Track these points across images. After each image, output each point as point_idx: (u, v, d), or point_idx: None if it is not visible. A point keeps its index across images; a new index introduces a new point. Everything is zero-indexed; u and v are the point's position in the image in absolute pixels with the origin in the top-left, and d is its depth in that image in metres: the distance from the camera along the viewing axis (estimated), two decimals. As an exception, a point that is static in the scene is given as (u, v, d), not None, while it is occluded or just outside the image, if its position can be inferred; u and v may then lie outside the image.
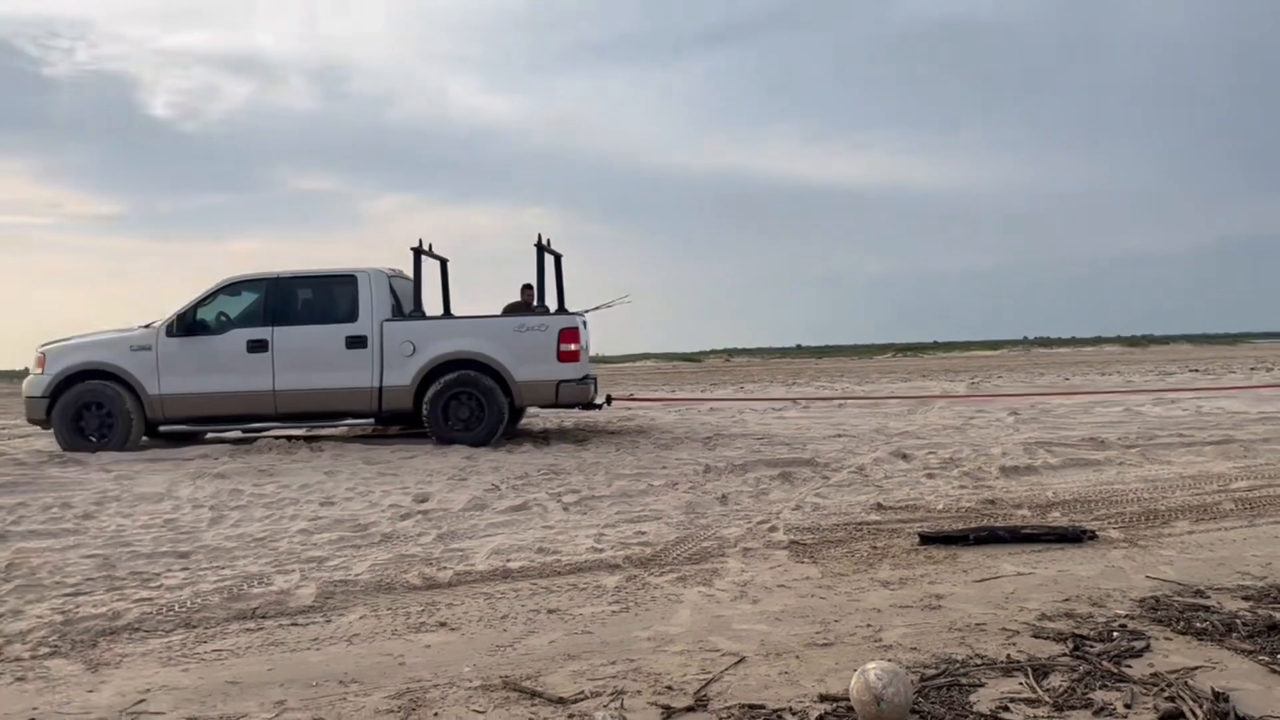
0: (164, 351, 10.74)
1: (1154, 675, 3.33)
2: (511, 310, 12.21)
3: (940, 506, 6.66)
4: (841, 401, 16.89)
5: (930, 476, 7.96)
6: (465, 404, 10.57)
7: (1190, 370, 26.43)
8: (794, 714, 3.10)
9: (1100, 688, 3.24)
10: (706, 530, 6.02)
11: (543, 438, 11.18)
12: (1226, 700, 3.03)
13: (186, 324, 10.77)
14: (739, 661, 3.61)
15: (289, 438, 11.02)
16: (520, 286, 12.52)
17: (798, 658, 3.65)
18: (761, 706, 3.16)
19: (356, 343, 10.66)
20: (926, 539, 5.54)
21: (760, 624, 4.09)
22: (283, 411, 10.71)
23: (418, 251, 11.49)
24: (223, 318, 10.95)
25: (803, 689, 3.32)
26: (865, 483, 7.72)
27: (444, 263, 12.41)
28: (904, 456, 8.97)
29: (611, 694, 3.31)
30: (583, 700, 3.26)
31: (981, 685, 3.29)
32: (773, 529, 6.00)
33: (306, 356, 10.64)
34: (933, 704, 3.12)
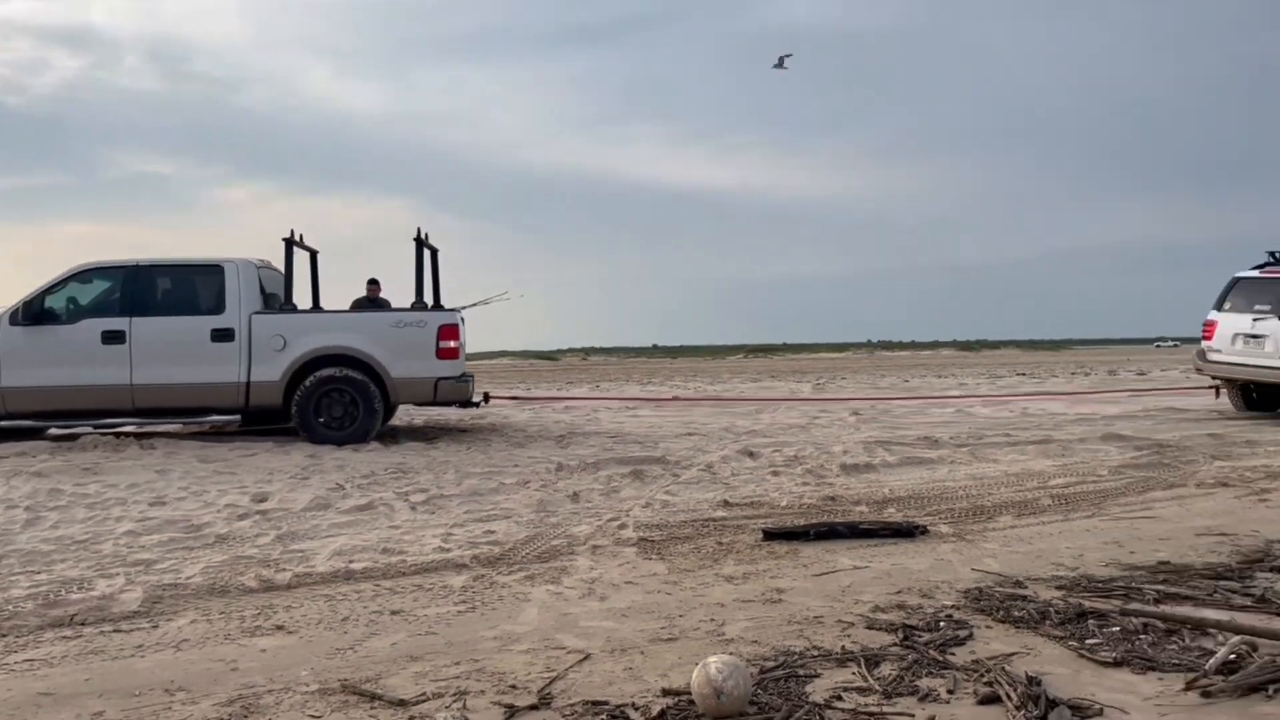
0: (6, 341, 9.99)
1: (975, 662, 3.51)
2: (358, 306, 11.89)
3: (784, 503, 6.86)
4: (693, 401, 17.16)
5: (775, 474, 8.18)
6: (338, 401, 10.19)
7: (1017, 374, 28.02)
8: (637, 709, 3.13)
9: (926, 675, 3.40)
10: (557, 528, 6.02)
11: (391, 436, 10.93)
12: (1039, 684, 3.23)
13: (33, 312, 10.02)
14: (584, 659, 3.62)
15: (116, 434, 10.42)
16: (366, 281, 12.20)
17: (642, 653, 3.69)
18: (605, 703, 3.18)
19: (223, 336, 10.17)
20: (770, 535, 5.69)
21: (607, 621, 4.12)
22: (140, 407, 10.13)
23: (289, 242, 11.07)
24: (74, 306, 10.26)
25: (646, 684, 3.36)
26: (713, 480, 7.87)
27: (314, 255, 11.93)
28: (751, 455, 9.19)
29: (454, 695, 3.27)
30: (424, 702, 3.21)
31: (817, 676, 3.40)
32: (622, 526, 6.05)
33: (168, 349, 10.06)
34: (770, 695, 3.21)
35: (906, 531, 5.75)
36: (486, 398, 12.39)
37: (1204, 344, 13.16)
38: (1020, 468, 8.48)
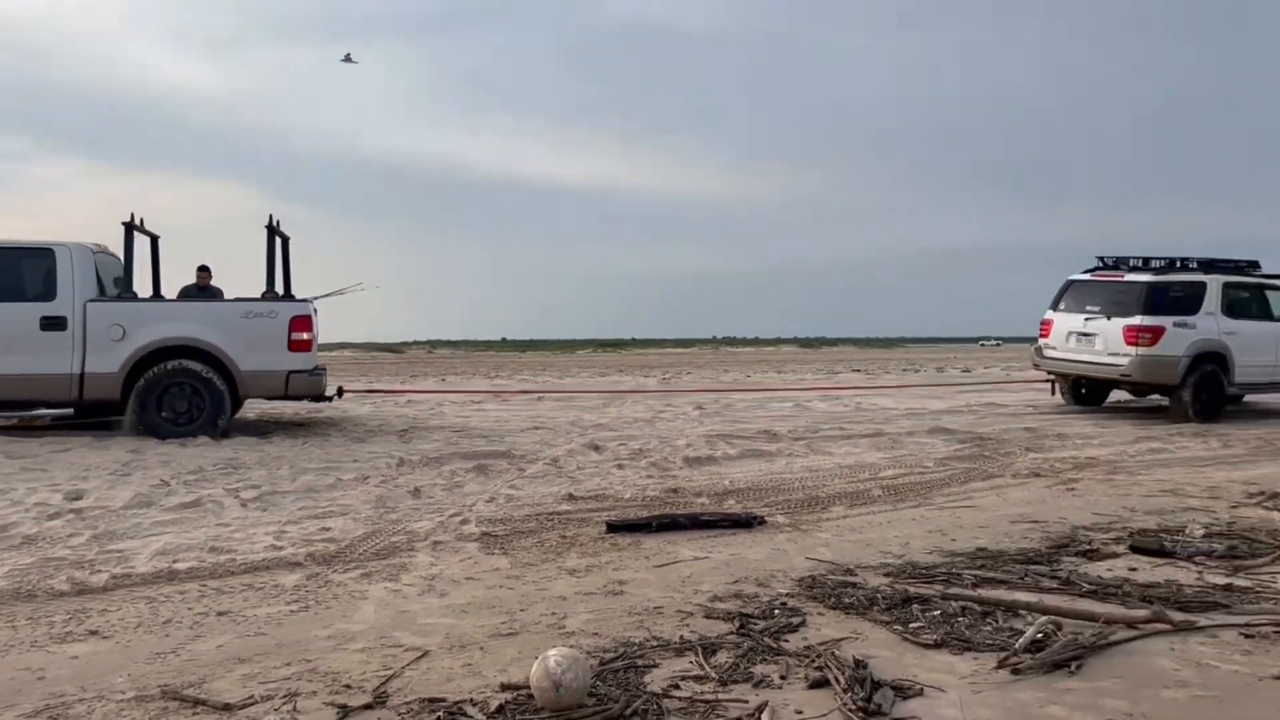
0: None
1: (807, 648, 3.64)
2: (186, 294, 11.30)
3: (628, 496, 6.92)
4: (540, 395, 17.11)
5: (620, 467, 8.25)
6: (182, 395, 9.60)
7: (854, 370, 29.14)
8: (475, 705, 3.10)
9: (761, 662, 3.50)
10: (396, 525, 5.89)
11: (221, 430, 10.46)
12: (865, 667, 3.37)
13: None
14: (422, 656, 3.57)
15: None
16: (196, 268, 11.62)
17: (482, 649, 3.66)
18: (443, 699, 3.14)
19: (54, 324, 9.44)
20: (613, 527, 5.73)
21: (446, 617, 4.06)
22: None
23: (129, 226, 10.39)
24: None
25: (485, 679, 3.33)
26: (559, 474, 7.87)
27: (155, 240, 11.21)
28: (596, 448, 9.23)
29: (284, 696, 3.16)
30: (252, 705, 3.09)
31: (656, 666, 3.45)
32: (465, 522, 5.98)
33: None
34: (610, 686, 3.24)
35: (745, 522, 5.90)
36: (340, 392, 11.97)
37: (1041, 341, 14.02)
38: (853, 460, 8.82)
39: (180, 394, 9.60)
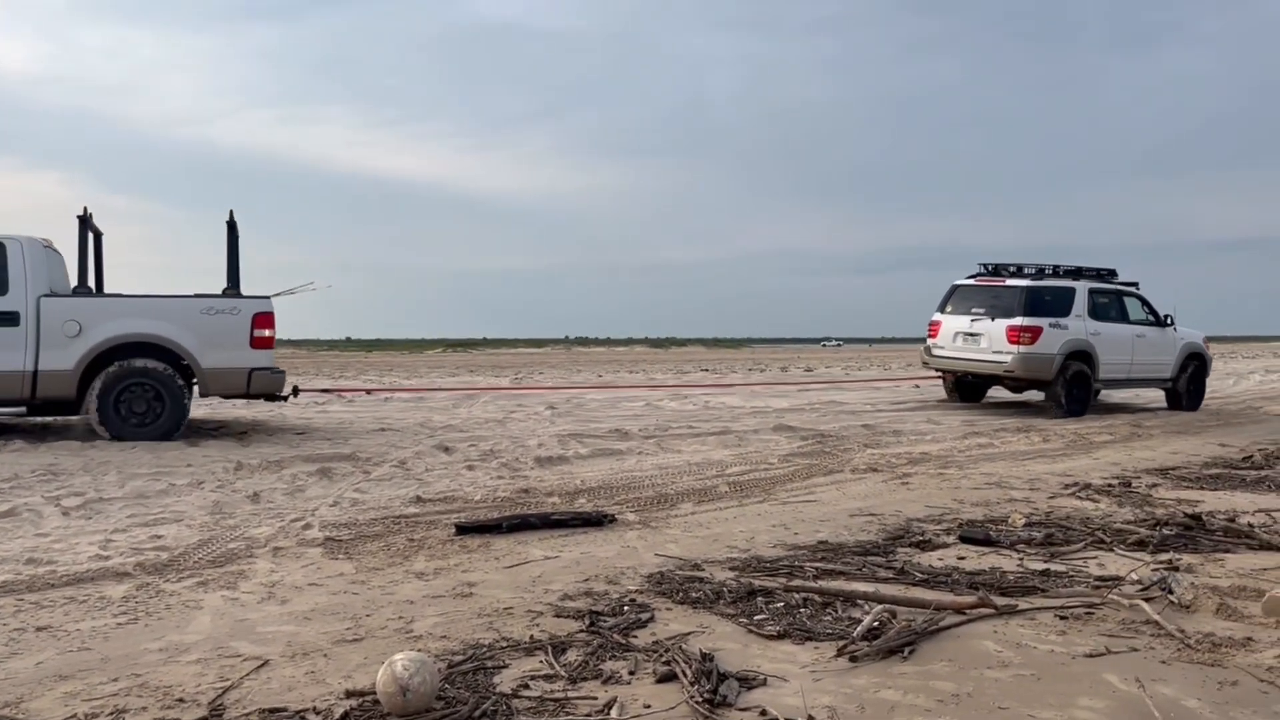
0: None
1: (655, 643, 3.69)
2: None
3: (478, 497, 6.86)
4: (388, 395, 16.74)
5: (470, 468, 8.16)
6: (141, 394, 9.28)
7: (702, 369, 29.68)
8: (318, 713, 3.02)
9: (610, 658, 3.53)
10: (234, 531, 5.66)
11: (39, 433, 9.81)
12: (712, 660, 3.45)
13: None
14: (262, 665, 3.44)
15: None
16: None
17: (326, 656, 3.56)
18: (283, 709, 3.04)
19: (6, 320, 9.03)
20: (463, 529, 5.67)
21: (288, 625, 3.94)
22: None
23: (83, 220, 9.98)
24: None
25: (329, 687, 3.24)
26: (406, 476, 7.73)
27: (99, 235, 10.62)
28: (446, 449, 9.10)
29: (110, 713, 2.99)
30: (74, 725, 2.92)
31: (506, 666, 3.44)
32: (307, 527, 5.80)
33: None
34: (459, 688, 3.21)
35: (596, 521, 5.94)
36: (296, 391, 11.50)
37: (929, 341, 15.02)
38: (701, 457, 8.99)
39: (140, 393, 9.32)
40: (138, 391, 9.34)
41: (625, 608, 4.17)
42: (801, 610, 4.12)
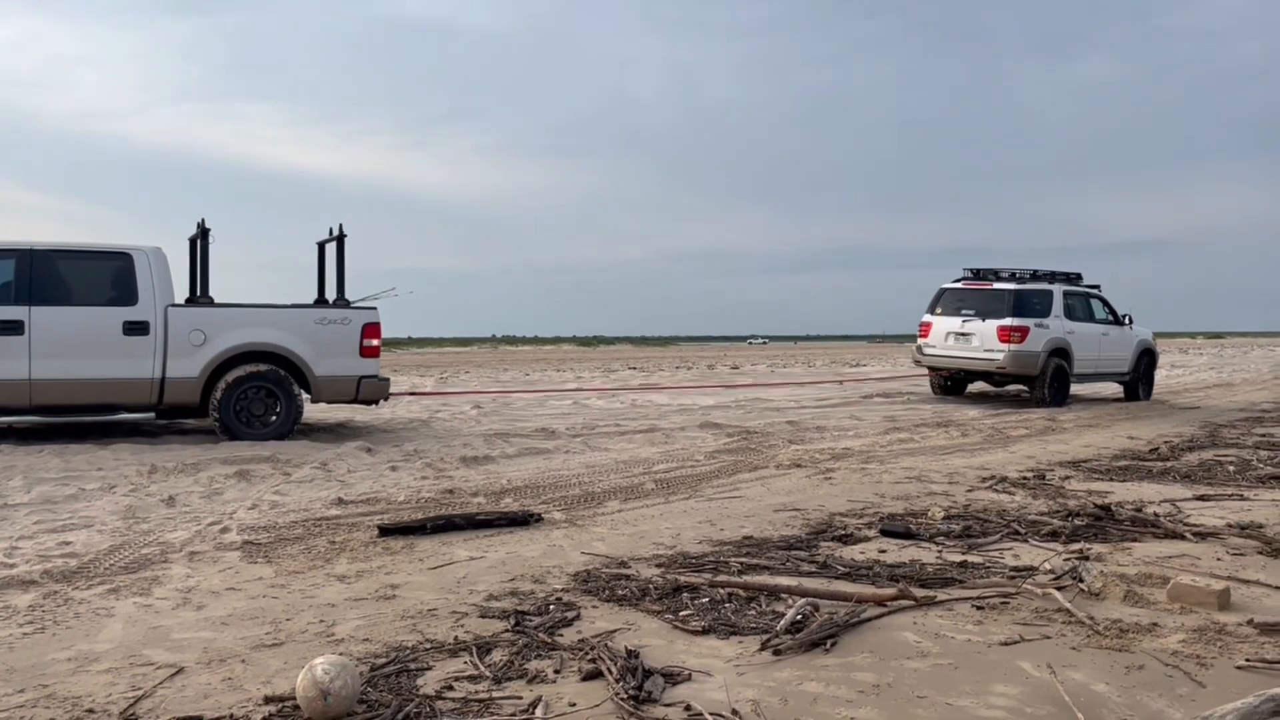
0: None
1: (581, 641, 3.69)
2: None
3: (402, 498, 6.77)
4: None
5: (394, 469, 8.06)
6: (259, 399, 9.61)
7: (630, 368, 29.73)
8: (235, 720, 2.95)
9: (536, 658, 3.52)
10: (148, 536, 5.51)
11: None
12: (637, 656, 3.46)
13: None
14: (177, 673, 3.36)
15: None
16: None
17: (244, 661, 3.48)
18: (199, 717, 2.97)
19: (136, 329, 9.22)
20: (386, 531, 5.59)
21: (205, 631, 3.84)
22: (40, 404, 9.08)
23: (201, 231, 10.25)
24: None
25: (247, 693, 3.17)
26: (328, 478, 7.60)
27: (208, 244, 10.65)
28: (369, 450, 8.97)
29: (15, 727, 2.89)
30: (-24, 739, 2.81)
31: (429, 668, 3.41)
32: (225, 530, 5.67)
33: (74, 342, 9.04)
34: (381, 691, 3.16)
35: (522, 520, 5.91)
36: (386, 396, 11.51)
37: (920, 341, 16.01)
38: (628, 455, 9.01)
39: (257, 397, 9.65)
40: (255, 397, 9.66)
41: (551, 607, 4.15)
42: (726, 605, 4.15)
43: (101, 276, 9.47)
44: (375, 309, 10.43)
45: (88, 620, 3.98)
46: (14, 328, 8.88)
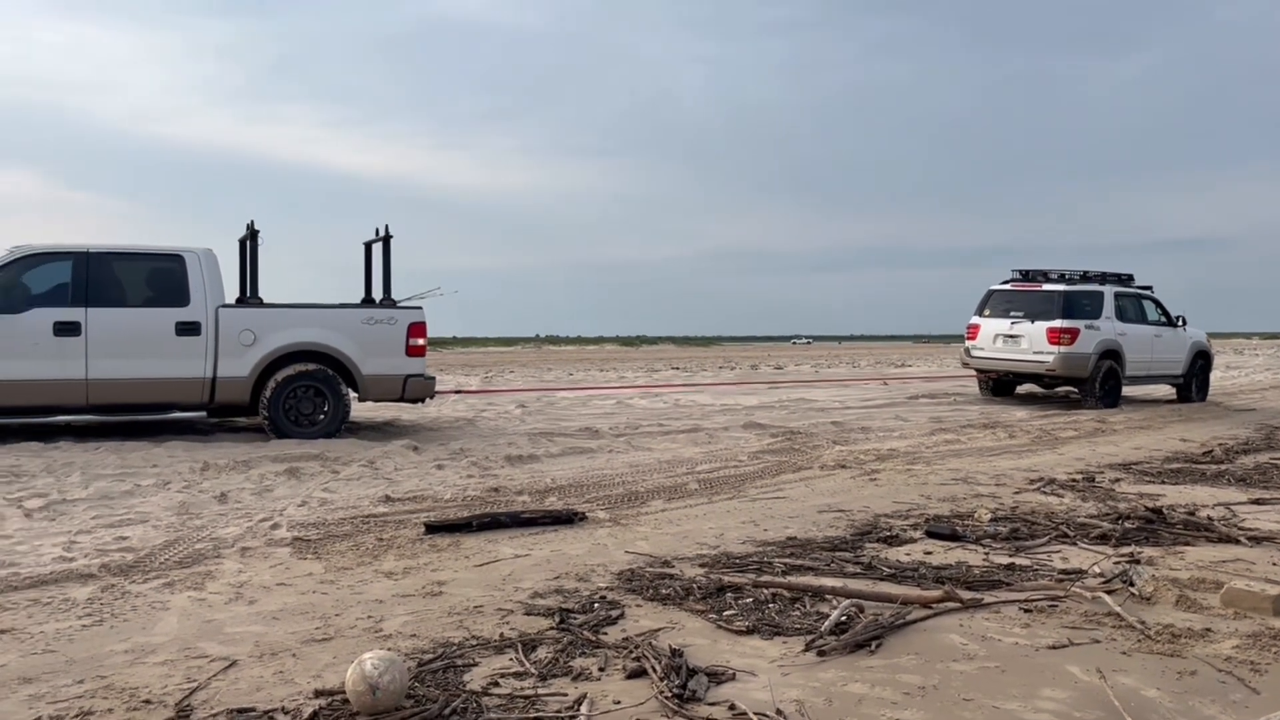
0: None
1: (625, 639, 3.71)
2: None
3: (448, 496, 6.84)
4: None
5: (440, 467, 8.14)
6: (307, 398, 9.81)
7: (673, 368, 29.74)
8: (286, 713, 3.01)
9: (580, 655, 3.54)
10: (201, 531, 5.62)
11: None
12: (681, 655, 3.47)
13: None
14: (230, 665, 3.43)
15: None
16: None
17: (295, 655, 3.55)
18: (252, 709, 3.03)
19: (188, 329, 9.46)
20: (432, 528, 5.66)
21: (256, 625, 3.92)
22: (96, 403, 9.30)
23: (250, 232, 10.54)
24: (19, 294, 9.09)
25: (298, 686, 3.23)
26: (375, 476, 7.69)
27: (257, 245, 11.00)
28: (415, 449, 9.07)
29: (76, 716, 2.97)
30: (39, 728, 2.89)
31: (476, 664, 3.44)
32: (275, 526, 5.76)
33: (129, 343, 9.28)
34: (428, 687, 3.21)
35: (566, 519, 5.94)
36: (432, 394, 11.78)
37: (968, 343, 15.97)
38: (671, 455, 9.02)
39: (306, 396, 9.83)
40: (304, 395, 9.83)
41: (595, 605, 4.18)
42: (770, 606, 4.15)
43: (154, 278, 9.67)
44: (421, 308, 10.53)
45: (144, 613, 4.07)
46: (71, 329, 9.10)
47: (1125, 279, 16.13)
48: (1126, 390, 15.82)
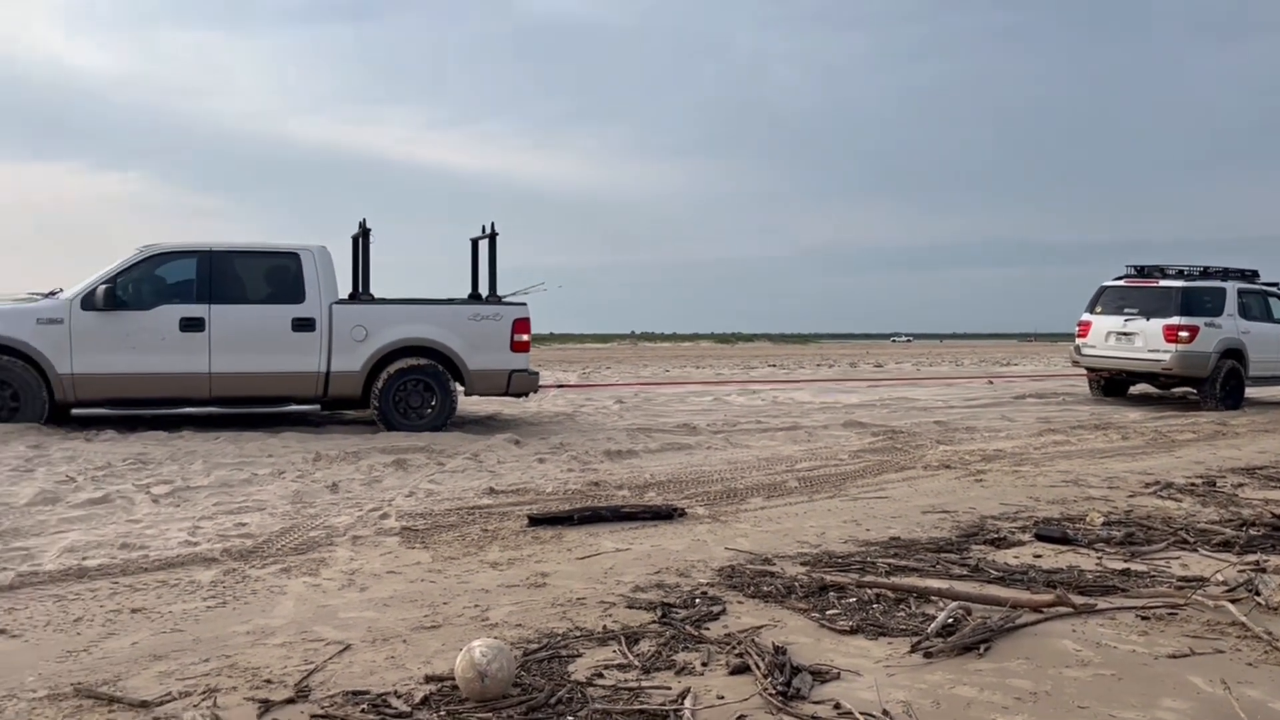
0: (78, 326, 9.35)
1: (728, 635, 3.71)
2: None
3: (549, 489, 6.94)
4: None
5: (541, 461, 8.26)
6: (416, 391, 10.10)
7: (770, 365, 29.54)
8: (399, 696, 3.10)
9: (683, 650, 3.56)
10: (315, 519, 5.82)
11: (129, 424, 10.17)
12: (784, 653, 3.46)
13: (106, 297, 9.34)
14: (344, 649, 3.54)
15: None
16: None
17: (405, 641, 3.65)
18: (365, 692, 3.13)
19: (304, 325, 9.86)
20: (535, 520, 5.75)
21: (368, 611, 4.04)
22: (218, 395, 9.82)
23: (363, 230, 11.00)
24: (148, 292, 9.62)
25: (409, 671, 3.33)
26: (479, 468, 7.84)
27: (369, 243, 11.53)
28: (516, 443, 9.22)
29: (203, 693, 3.11)
30: (169, 701, 3.04)
31: (579, 655, 3.49)
32: (384, 516, 5.93)
33: (248, 338, 9.73)
34: (534, 676, 3.26)
35: (666, 514, 5.97)
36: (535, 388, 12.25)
37: (1079, 341, 15.49)
38: (770, 453, 8.97)
39: (415, 389, 10.08)
40: (413, 389, 10.09)
41: (697, 600, 4.19)
42: (874, 606, 4.10)
43: (272, 275, 10.02)
44: (525, 304, 10.68)
45: (263, 597, 4.24)
46: (196, 325, 9.52)
47: (1250, 275, 15.44)
48: (1250, 392, 15.10)
